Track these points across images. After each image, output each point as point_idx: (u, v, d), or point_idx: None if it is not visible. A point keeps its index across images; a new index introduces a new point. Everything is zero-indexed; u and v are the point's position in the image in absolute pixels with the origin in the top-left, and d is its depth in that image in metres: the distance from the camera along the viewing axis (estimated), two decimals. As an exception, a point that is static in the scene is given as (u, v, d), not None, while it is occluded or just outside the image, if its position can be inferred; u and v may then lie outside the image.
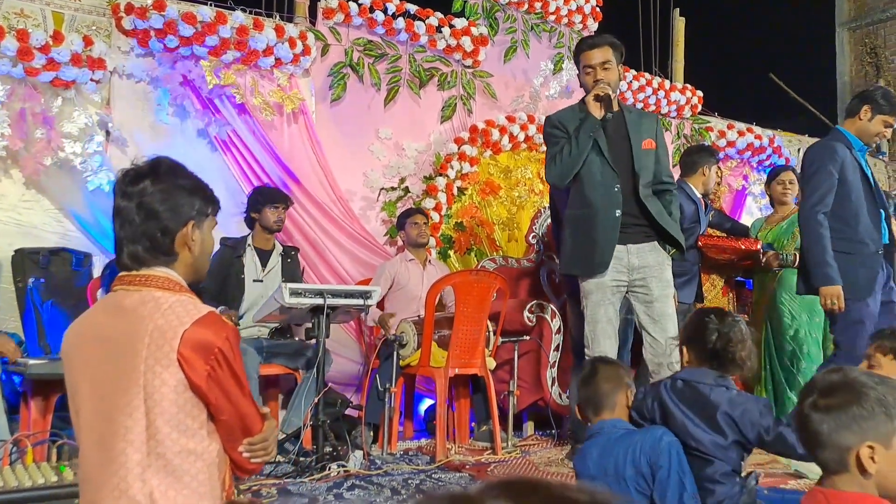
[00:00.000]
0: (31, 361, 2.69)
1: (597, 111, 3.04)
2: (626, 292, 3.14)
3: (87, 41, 4.02)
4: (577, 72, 3.25)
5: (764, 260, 4.32)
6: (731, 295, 4.52)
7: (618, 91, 3.17)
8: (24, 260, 3.77)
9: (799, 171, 4.89)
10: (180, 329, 1.45)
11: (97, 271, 3.96)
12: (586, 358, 3.13)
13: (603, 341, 3.06)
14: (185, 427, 1.47)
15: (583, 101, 3.17)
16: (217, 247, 3.97)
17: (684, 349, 2.22)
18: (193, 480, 1.46)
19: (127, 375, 1.45)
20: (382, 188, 5.08)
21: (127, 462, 1.43)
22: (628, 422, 2.20)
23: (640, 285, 3.08)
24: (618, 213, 3.04)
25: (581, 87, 3.28)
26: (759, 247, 4.33)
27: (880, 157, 8.55)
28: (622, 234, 3.06)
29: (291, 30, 4.62)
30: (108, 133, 4.21)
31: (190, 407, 1.47)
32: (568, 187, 3.14)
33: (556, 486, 0.46)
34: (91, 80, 4.05)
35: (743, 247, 4.34)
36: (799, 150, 7.51)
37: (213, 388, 1.48)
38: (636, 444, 2.07)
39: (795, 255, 4.31)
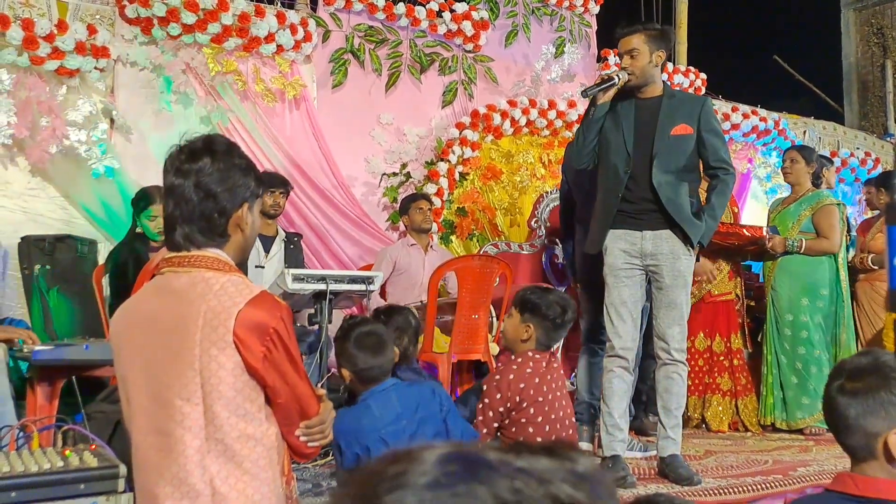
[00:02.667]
0: (37, 348, 2.73)
1: (600, 96, 3.04)
2: (648, 277, 3.13)
3: (91, 30, 4.05)
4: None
5: (770, 245, 4.27)
6: (737, 280, 4.48)
7: (652, 77, 3.05)
8: (30, 247, 3.81)
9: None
10: (234, 310, 1.40)
11: (102, 258, 4.00)
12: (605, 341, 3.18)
13: (616, 324, 3.07)
14: (243, 411, 1.42)
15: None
16: None
17: None
18: (254, 466, 1.42)
19: (181, 359, 1.41)
20: (384, 174, 5.09)
21: (186, 449, 1.39)
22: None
23: (653, 271, 3.08)
24: (618, 194, 3.04)
25: None
26: (763, 233, 4.29)
27: (888, 138, 8.50)
28: (639, 219, 3.04)
29: (292, 16, 4.62)
30: (112, 121, 4.24)
31: (248, 390, 1.43)
32: (586, 168, 3.18)
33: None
34: (95, 68, 4.08)
35: (747, 233, 4.30)
36: (804, 132, 7.47)
37: (269, 370, 1.43)
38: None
39: (802, 241, 4.26)
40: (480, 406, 2.55)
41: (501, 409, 2.51)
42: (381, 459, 0.44)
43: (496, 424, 2.54)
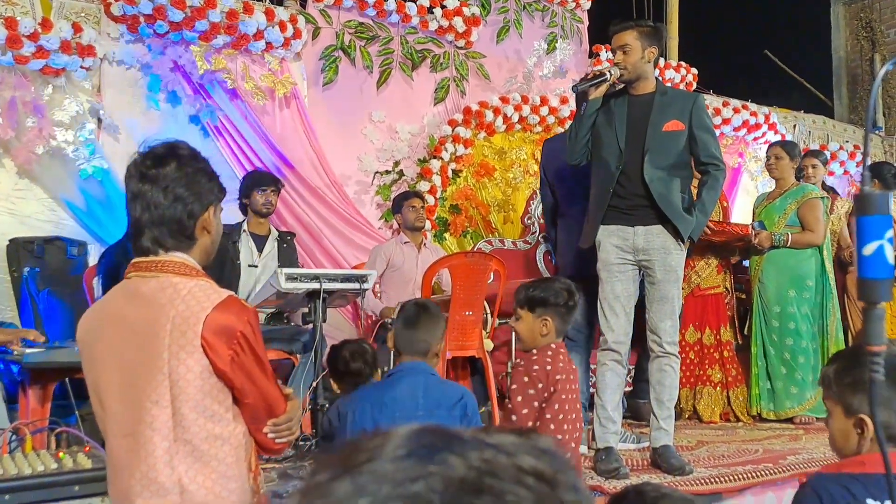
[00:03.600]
0: (28, 350, 2.69)
1: (592, 92, 3.07)
2: (641, 272, 3.16)
3: (77, 28, 3.99)
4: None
5: (756, 240, 4.33)
6: (725, 274, 4.53)
7: (644, 72, 3.07)
8: (19, 249, 3.77)
9: (803, 147, 4.86)
10: (202, 314, 1.44)
11: (93, 259, 3.96)
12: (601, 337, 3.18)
13: (609, 318, 3.10)
14: (210, 412, 1.47)
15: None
16: None
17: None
18: (221, 464, 1.47)
19: (151, 363, 1.45)
20: (376, 172, 5.07)
21: (155, 450, 1.43)
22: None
23: (645, 266, 3.12)
24: (609, 189, 3.06)
25: None
26: (750, 230, 4.34)
27: (876, 131, 8.54)
28: (630, 215, 3.06)
29: (281, 13, 4.58)
30: (99, 120, 4.19)
31: (216, 392, 1.47)
32: (579, 165, 3.21)
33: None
34: (81, 67, 4.03)
35: (736, 230, 4.36)
36: (795, 126, 7.50)
37: (237, 372, 1.47)
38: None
39: (788, 235, 4.32)
40: (511, 406, 2.38)
41: (537, 403, 2.36)
42: (359, 435, 0.47)
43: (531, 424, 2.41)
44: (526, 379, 2.34)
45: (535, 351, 2.43)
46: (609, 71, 3.03)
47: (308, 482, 0.45)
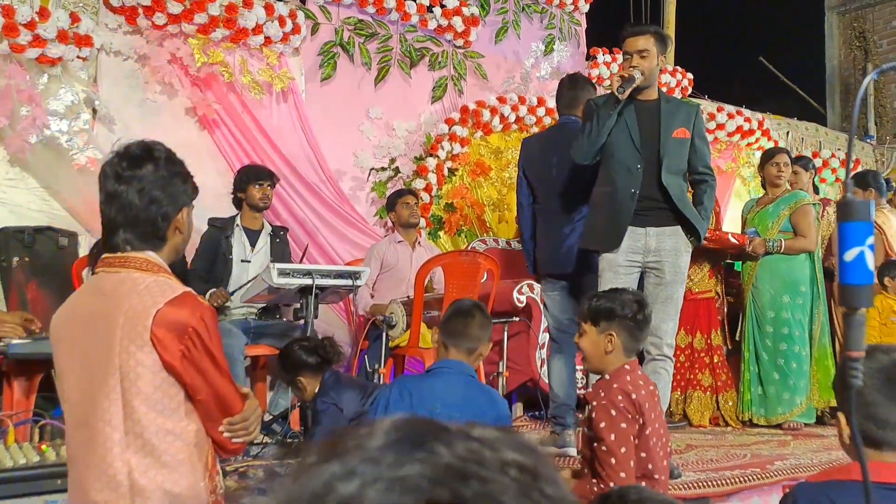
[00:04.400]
0: (14, 341, 2.66)
1: (623, 95, 3.06)
2: (642, 273, 3.17)
3: (74, 18, 3.96)
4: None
5: (750, 248, 4.35)
6: (717, 278, 4.55)
7: (655, 79, 3.16)
8: (9, 239, 3.73)
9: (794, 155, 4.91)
10: (153, 309, 1.46)
11: (83, 250, 3.93)
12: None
13: None
14: (161, 407, 1.47)
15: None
16: (205, 227, 3.95)
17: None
18: (172, 460, 1.47)
19: (104, 356, 1.46)
20: (372, 168, 5.06)
21: (106, 442, 1.44)
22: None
23: (653, 267, 3.13)
24: (634, 191, 3.07)
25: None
26: (746, 241, 4.37)
27: (868, 140, 8.59)
28: (643, 216, 3.09)
29: (281, 8, 4.56)
30: (94, 111, 4.16)
31: (167, 387, 1.48)
32: (591, 164, 3.19)
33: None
34: (78, 57, 4.00)
35: (734, 240, 4.38)
36: (788, 133, 7.53)
37: (187, 368, 1.48)
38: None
39: (781, 241, 4.34)
40: (606, 449, 2.04)
41: (633, 438, 2.08)
42: (350, 425, 0.49)
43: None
44: (614, 413, 2.05)
45: (607, 376, 2.14)
46: (634, 75, 3.06)
47: (297, 465, 0.46)
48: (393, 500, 0.42)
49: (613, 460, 2.02)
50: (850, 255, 1.01)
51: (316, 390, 3.09)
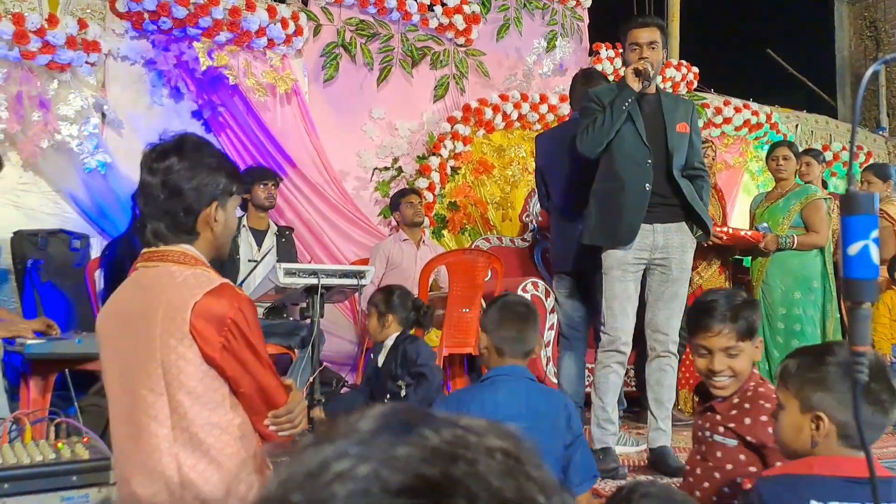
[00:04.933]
0: (30, 341, 2.74)
1: (635, 84, 3.03)
2: (646, 270, 3.13)
3: (82, 24, 4.05)
4: (623, 47, 3.21)
5: (763, 244, 4.31)
6: (727, 274, 4.53)
7: (658, 73, 3.15)
8: (23, 242, 3.82)
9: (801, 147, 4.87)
10: (191, 301, 1.43)
11: (95, 252, 4.01)
12: (601, 335, 3.13)
13: (620, 318, 3.04)
14: (206, 400, 1.45)
15: (622, 79, 3.17)
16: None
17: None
18: (220, 454, 1.45)
19: (145, 350, 1.45)
20: (376, 168, 5.11)
21: (152, 438, 1.44)
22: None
23: (659, 264, 3.08)
24: (647, 186, 3.02)
25: (623, 63, 3.30)
26: (761, 237, 4.33)
27: (880, 132, 8.53)
28: (650, 212, 3.04)
29: (283, 10, 4.63)
30: (103, 115, 4.24)
31: (209, 380, 1.46)
32: (598, 158, 3.12)
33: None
34: (86, 62, 4.08)
35: (750, 238, 4.35)
36: (797, 126, 7.49)
37: (228, 360, 1.46)
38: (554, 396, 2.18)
39: (793, 237, 4.28)
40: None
41: None
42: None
43: None
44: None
45: (752, 385, 1.91)
46: (650, 67, 3.04)
47: (293, 452, 0.49)
48: (384, 476, 0.43)
49: None
50: (853, 248, 0.99)
51: (390, 337, 3.18)
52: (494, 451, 0.45)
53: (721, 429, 1.88)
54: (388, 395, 3.16)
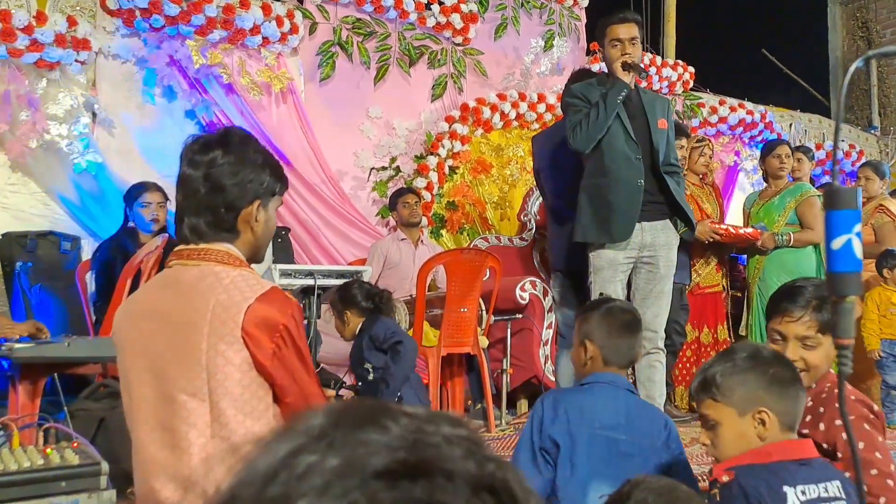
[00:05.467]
0: (18, 345, 2.67)
1: (626, 78, 3.04)
2: (632, 268, 3.15)
3: (72, 21, 3.97)
4: (602, 44, 3.21)
5: (760, 243, 4.32)
6: (724, 271, 4.53)
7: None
8: (12, 244, 3.74)
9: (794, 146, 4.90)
10: (244, 304, 1.37)
11: (86, 254, 3.94)
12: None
13: None
14: (250, 409, 1.38)
15: (604, 74, 3.19)
16: None
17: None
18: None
19: (188, 354, 1.37)
20: (373, 168, 5.05)
21: (190, 447, 1.36)
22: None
23: (647, 262, 3.10)
24: (640, 182, 3.03)
25: (603, 60, 3.28)
26: (759, 235, 4.34)
27: (872, 131, 8.54)
28: (640, 210, 3.06)
29: (278, 8, 4.56)
30: (94, 115, 4.17)
31: (256, 388, 1.39)
32: (586, 157, 3.12)
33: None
34: (76, 61, 4.00)
35: (748, 237, 4.35)
36: (791, 125, 7.50)
37: (278, 368, 1.39)
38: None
39: (790, 235, 4.31)
40: (878, 472, 1.64)
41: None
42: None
43: None
44: (867, 427, 1.70)
45: (828, 386, 1.75)
46: (636, 60, 3.07)
47: (246, 453, 0.48)
48: (359, 463, 0.43)
49: (891, 482, 1.62)
50: (837, 242, 1.00)
51: (356, 330, 3.17)
52: (452, 437, 0.46)
53: None
54: (360, 383, 3.15)
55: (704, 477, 2.41)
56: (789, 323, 1.71)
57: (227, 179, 1.45)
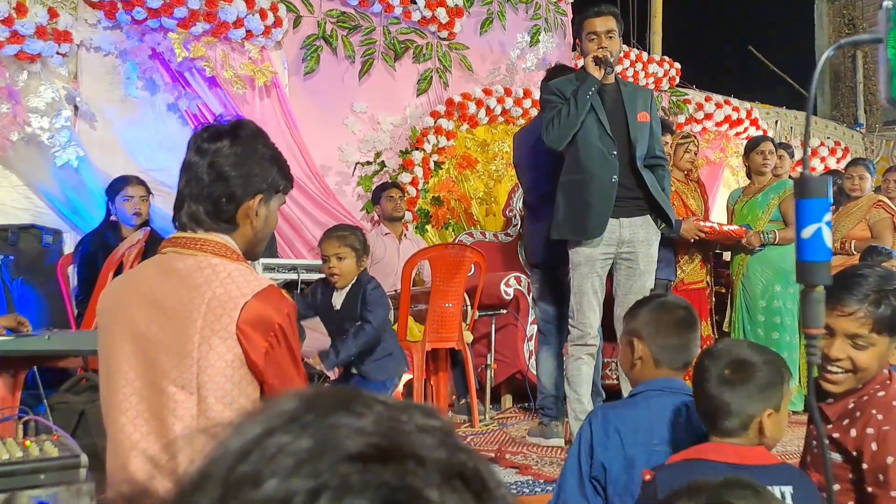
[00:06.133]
0: (-2, 338, 2.65)
1: (596, 73, 3.02)
2: (612, 264, 3.14)
3: (53, 13, 3.94)
4: (579, 38, 3.19)
5: (745, 241, 4.34)
6: (708, 267, 4.54)
7: (616, 62, 3.14)
8: (-7, 237, 3.71)
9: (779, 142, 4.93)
10: (241, 300, 1.35)
11: (68, 248, 3.91)
12: (570, 329, 3.14)
13: (588, 313, 3.07)
14: (238, 406, 1.37)
15: (581, 69, 3.16)
16: None
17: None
18: None
19: (180, 345, 1.36)
20: (358, 163, 5.04)
21: (175, 439, 1.35)
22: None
23: (626, 258, 3.09)
24: (614, 178, 3.01)
25: (581, 53, 3.27)
26: (744, 232, 4.36)
27: (857, 128, 8.60)
28: (616, 206, 3.03)
29: (262, 1, 4.54)
30: (76, 108, 4.14)
31: (244, 384, 1.38)
32: (564, 152, 3.10)
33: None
34: (57, 53, 3.97)
35: (734, 234, 4.36)
36: (777, 122, 7.54)
37: (269, 366, 1.38)
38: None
39: (775, 232, 4.32)
40: None
41: None
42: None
43: None
44: None
45: (874, 388, 1.54)
46: (608, 57, 3.02)
47: (214, 436, 0.47)
48: (332, 445, 0.43)
49: None
50: (807, 231, 1.00)
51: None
52: (425, 426, 0.46)
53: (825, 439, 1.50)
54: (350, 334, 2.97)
55: None
56: (839, 317, 1.49)
57: (232, 170, 1.43)
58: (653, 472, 1.40)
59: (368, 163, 5.07)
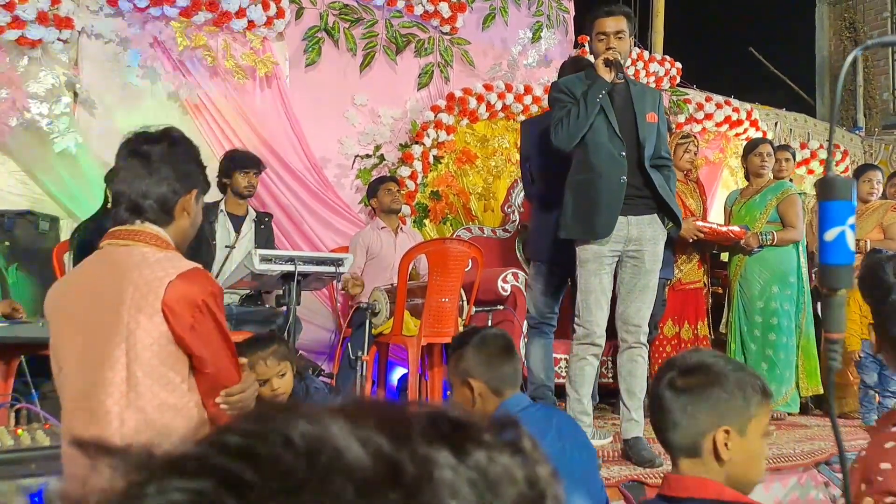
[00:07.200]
0: (-7, 325, 2.65)
1: (607, 75, 3.01)
2: (618, 262, 3.14)
3: (54, -1, 3.92)
4: (590, 37, 3.19)
5: (744, 242, 4.35)
6: (705, 268, 4.55)
7: (627, 62, 3.14)
8: (-11, 223, 3.70)
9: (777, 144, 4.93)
10: (166, 279, 1.47)
11: (64, 234, 3.90)
12: (575, 328, 3.12)
13: (595, 311, 3.05)
14: (166, 381, 1.47)
15: (590, 69, 3.16)
16: None
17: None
18: (172, 437, 1.41)
19: (111, 326, 1.46)
20: (357, 155, 5.03)
21: (107, 414, 1.44)
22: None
23: (632, 256, 3.08)
24: (623, 178, 3.01)
25: (591, 53, 3.27)
26: (744, 234, 4.36)
27: (856, 132, 8.60)
28: (624, 204, 3.03)
29: (265, -9, 4.52)
30: (76, 94, 4.12)
31: (172, 361, 1.48)
32: (572, 152, 3.10)
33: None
34: (58, 39, 3.95)
35: (733, 235, 4.37)
36: (776, 123, 7.53)
37: (195, 340, 1.49)
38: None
39: (773, 234, 4.33)
40: None
41: None
42: None
43: None
44: None
45: None
46: (619, 57, 3.03)
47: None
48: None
49: None
50: (830, 234, 0.97)
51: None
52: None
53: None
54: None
55: None
56: None
57: (172, 169, 1.59)
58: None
59: (368, 156, 5.06)
